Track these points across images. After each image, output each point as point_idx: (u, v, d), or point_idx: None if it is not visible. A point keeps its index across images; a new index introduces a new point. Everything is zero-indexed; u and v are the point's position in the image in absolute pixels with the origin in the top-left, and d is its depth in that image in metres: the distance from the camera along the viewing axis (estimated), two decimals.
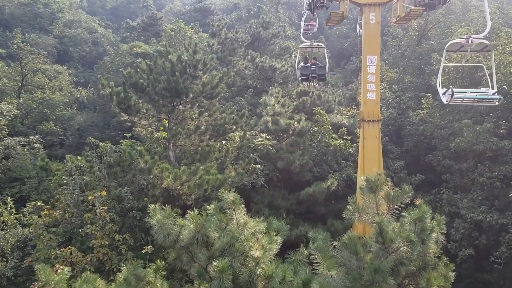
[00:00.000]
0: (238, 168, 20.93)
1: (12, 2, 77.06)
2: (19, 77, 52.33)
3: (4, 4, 76.61)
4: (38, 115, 48.66)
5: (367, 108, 19.55)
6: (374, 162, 19.38)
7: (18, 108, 47.13)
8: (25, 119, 49.07)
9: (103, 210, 15.28)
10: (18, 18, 74.71)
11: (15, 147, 40.01)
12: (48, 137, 46.51)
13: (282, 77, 32.35)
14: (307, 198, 23.72)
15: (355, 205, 10.75)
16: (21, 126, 46.93)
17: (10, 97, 49.35)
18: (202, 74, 20.78)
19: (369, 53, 19.66)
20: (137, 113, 19.91)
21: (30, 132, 45.03)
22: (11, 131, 44.44)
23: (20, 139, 40.98)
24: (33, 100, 48.72)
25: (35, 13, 75.55)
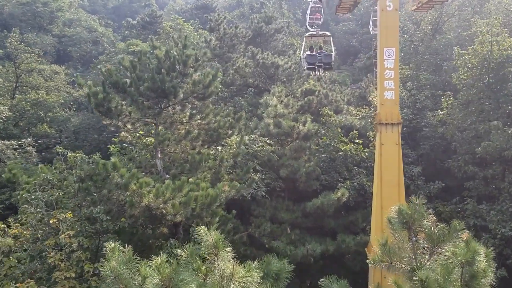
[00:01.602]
0: (235, 179, 18.03)
1: (11, 1, 74.61)
2: (14, 77, 49.78)
3: (3, 4, 74.16)
4: (32, 117, 45.98)
5: (384, 109, 16.56)
6: (393, 172, 16.41)
7: (11, 110, 44.55)
8: (19, 121, 46.48)
9: (67, 236, 12.38)
10: (17, 17, 72.23)
11: (6, 151, 37.28)
12: (42, 140, 43.92)
13: (285, 75, 29.35)
14: (315, 211, 20.78)
15: (385, 248, 7.74)
16: (13, 129, 44.31)
17: (3, 98, 46.76)
18: (194, 72, 17.85)
19: (386, 45, 16.65)
20: (119, 116, 17.02)
21: (23, 135, 42.40)
22: (3, 134, 41.86)
23: (12, 142, 38.20)
24: (26, 101, 46.06)
25: (34, 12, 73.00)
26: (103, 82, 16.82)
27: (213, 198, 14.19)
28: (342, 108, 28.07)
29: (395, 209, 7.91)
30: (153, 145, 17.37)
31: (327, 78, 34.83)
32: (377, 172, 16.66)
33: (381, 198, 16.38)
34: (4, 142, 38.05)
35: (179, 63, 17.54)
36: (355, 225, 22.03)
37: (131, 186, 13.21)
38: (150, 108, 17.33)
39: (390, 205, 16.18)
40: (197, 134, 17.67)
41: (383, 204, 16.30)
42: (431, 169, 26.65)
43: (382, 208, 16.29)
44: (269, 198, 21.30)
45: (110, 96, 16.73)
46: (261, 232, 20.08)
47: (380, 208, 16.31)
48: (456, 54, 24.14)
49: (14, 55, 49.83)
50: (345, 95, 30.82)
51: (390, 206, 15.63)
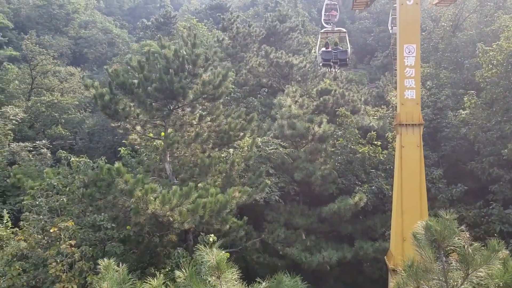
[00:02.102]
0: (247, 183, 17.20)
1: (28, 4, 75.13)
2: (29, 79, 49.80)
3: (20, 7, 74.70)
4: (46, 119, 45.90)
5: (405, 109, 15.54)
6: (414, 176, 15.38)
7: (26, 112, 44.52)
8: (35, 123, 46.46)
9: (69, 245, 11.69)
10: (34, 20, 72.61)
11: (20, 153, 37.10)
12: (57, 142, 43.76)
13: (300, 74, 28.38)
14: (331, 216, 19.83)
15: (411, 270, 6.79)
16: (28, 131, 44.26)
17: (19, 100, 46.79)
18: (204, 72, 17.08)
19: (406, 42, 15.62)
20: (126, 118, 16.34)
21: (38, 137, 42.30)
22: (18, 136, 41.79)
23: (26, 144, 38.01)
24: (41, 103, 45.97)
25: (50, 15, 73.30)
26: (110, 83, 16.16)
27: (223, 205, 13.38)
28: (359, 108, 27.01)
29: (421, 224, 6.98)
30: (162, 148, 16.60)
31: (343, 77, 33.78)
32: (397, 176, 15.65)
33: (402, 203, 15.36)
34: (19, 144, 37.93)
35: (188, 62, 16.78)
36: (373, 230, 21.01)
37: (136, 193, 12.47)
38: (158, 109, 16.60)
39: (411, 211, 15.18)
40: (207, 137, 16.88)
41: (404, 210, 15.28)
42: (452, 171, 25.43)
43: (403, 214, 15.29)
44: (283, 202, 20.43)
45: (117, 97, 16.07)
46: (275, 238, 19.20)
47: (401, 214, 15.31)
48: (480, 51, 22.89)
49: (30, 57, 49.84)
50: (362, 94, 29.73)
51: (411, 212, 14.61)
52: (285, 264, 19.51)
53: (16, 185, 15.86)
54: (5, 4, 73.47)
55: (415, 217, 15.30)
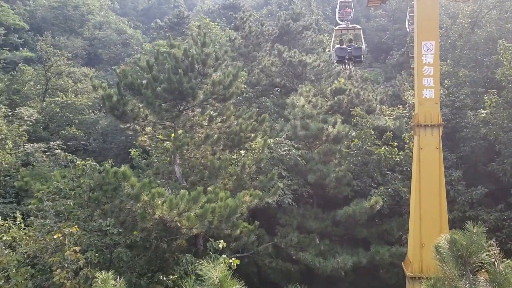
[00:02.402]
0: (259, 186, 16.65)
1: (43, 6, 75.68)
2: (44, 80, 49.98)
3: (36, 8, 75.31)
4: (61, 120, 45.98)
5: (423, 109, 14.83)
6: (433, 179, 14.66)
7: (41, 113, 44.65)
8: (50, 124, 46.58)
9: (73, 252, 11.28)
10: (49, 21, 73.11)
11: (34, 153, 37.13)
12: (71, 142, 43.79)
13: (314, 74, 27.72)
14: (345, 220, 19.16)
15: None
16: (42, 132, 44.38)
17: (33, 101, 46.96)
18: (214, 72, 16.58)
19: (424, 39, 14.91)
20: (134, 120, 15.93)
21: (52, 138, 42.36)
22: (33, 136, 41.90)
23: (40, 145, 38.04)
24: (55, 104, 46.05)
25: (65, 16, 73.73)
26: (118, 84, 15.78)
27: (233, 210, 12.85)
28: (374, 107, 26.27)
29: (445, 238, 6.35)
30: (171, 150, 16.16)
31: (358, 76, 33.03)
32: (415, 180, 14.95)
33: (420, 208, 14.64)
34: (33, 145, 37.97)
35: (198, 62, 16.31)
36: (390, 234, 20.27)
37: (143, 197, 12.01)
38: (167, 110, 16.14)
39: (430, 216, 14.43)
40: (217, 138, 16.38)
41: (422, 215, 14.57)
42: (471, 172, 24.53)
43: (421, 220, 14.58)
44: (296, 205, 19.82)
45: (125, 98, 15.67)
46: (288, 242, 18.60)
47: (419, 220, 14.59)
48: (501, 48, 21.95)
49: (44, 58, 50.03)
50: (378, 94, 28.97)
51: (431, 217, 13.86)
52: (298, 269, 18.92)
53: (23, 188, 15.45)
54: (21, 6, 74.14)
55: (435, 222, 14.61)
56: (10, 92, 47.24)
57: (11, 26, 67.14)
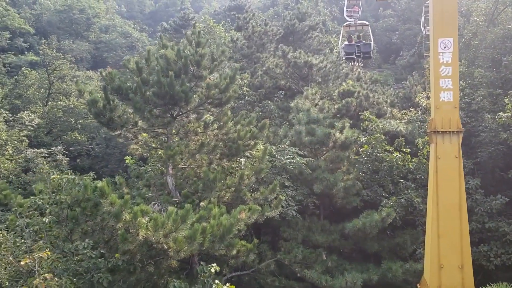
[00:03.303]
0: (259, 198, 15.10)
1: (49, 10, 74.92)
2: (47, 84, 48.93)
3: (42, 12, 74.58)
4: (63, 124, 44.82)
5: (440, 114, 13.16)
6: (453, 192, 12.97)
7: (43, 117, 43.54)
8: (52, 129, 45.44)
9: (43, 280, 9.79)
10: (55, 25, 72.32)
11: (35, 159, 35.92)
12: (73, 148, 42.63)
13: (320, 75, 26.10)
14: (355, 233, 17.54)
15: None
16: (44, 137, 43.24)
17: (35, 106, 45.88)
18: (209, 74, 15.09)
19: (441, 35, 13.25)
20: (123, 127, 14.47)
21: (55, 143, 41.20)
22: (35, 141, 40.82)
23: (41, 150, 36.83)
24: (58, 108, 44.92)
25: (71, 20, 72.89)
26: (104, 88, 14.34)
27: (227, 229, 11.33)
28: (385, 111, 24.59)
29: None
30: (162, 159, 14.68)
31: (367, 78, 31.37)
32: (431, 193, 13.27)
33: (438, 224, 12.96)
34: (34, 151, 36.76)
35: (192, 64, 14.84)
36: (402, 248, 18.61)
37: (124, 216, 10.53)
38: (158, 117, 14.68)
39: (449, 233, 12.67)
40: (213, 147, 14.87)
41: (441, 232, 12.88)
42: (489, 179, 22.75)
43: (440, 237, 12.89)
44: (301, 217, 18.22)
45: (113, 103, 14.22)
46: (292, 258, 17.00)
47: (437, 238, 12.90)
48: None
49: (47, 62, 48.99)
50: (388, 96, 27.26)
51: (450, 234, 12.08)
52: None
53: (3, 202, 14.07)
54: (27, 10, 73.45)
55: (455, 240, 12.93)
56: (12, 97, 46.26)
57: (17, 30, 66.41)
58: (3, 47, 63.49)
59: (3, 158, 33.80)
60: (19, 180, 33.20)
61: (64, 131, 44.33)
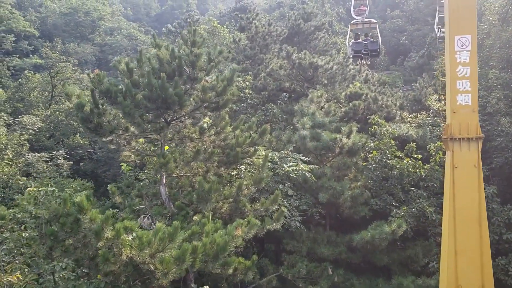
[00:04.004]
0: (260, 209, 13.90)
1: (54, 13, 74.41)
2: (50, 87, 48.12)
3: (47, 15, 74.06)
4: (65, 128, 43.90)
5: (457, 119, 11.93)
6: (472, 205, 11.72)
7: (45, 121, 42.66)
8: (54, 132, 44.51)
9: None
10: (60, 27, 71.78)
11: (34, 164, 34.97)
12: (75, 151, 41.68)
13: (326, 77, 24.84)
14: (363, 245, 16.26)
15: None
16: (46, 140, 42.32)
17: (38, 109, 45.05)
18: (205, 75, 13.94)
19: (458, 32, 12.02)
20: (112, 133, 13.35)
21: (57, 147, 40.30)
22: (36, 146, 39.94)
23: (42, 154, 35.88)
24: (60, 112, 44.02)
25: (76, 22, 72.31)
26: (92, 91, 13.23)
27: (221, 247, 10.13)
28: (394, 114, 23.29)
29: None
30: (155, 168, 13.54)
31: (375, 80, 30.07)
32: (448, 205, 12.01)
33: (455, 240, 11.71)
34: (34, 155, 35.84)
35: (187, 65, 13.70)
36: (414, 261, 17.29)
37: (106, 234, 9.37)
38: (150, 122, 13.54)
39: (468, 251, 11.26)
40: (210, 154, 13.69)
41: (458, 249, 11.63)
42: (504, 186, 21.41)
43: (457, 255, 11.63)
44: (306, 228, 16.97)
45: (102, 108, 13.12)
46: (296, 273, 15.76)
47: (454, 255, 11.64)
48: None
49: (49, 65, 48.22)
50: (397, 98, 25.93)
51: (469, 252, 10.64)
52: None
53: None
54: (33, 13, 72.97)
55: (474, 258, 11.65)
56: (14, 100, 45.50)
57: (21, 33, 65.87)
58: (8, 50, 62.96)
59: (3, 163, 32.89)
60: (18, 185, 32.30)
61: (66, 134, 43.41)
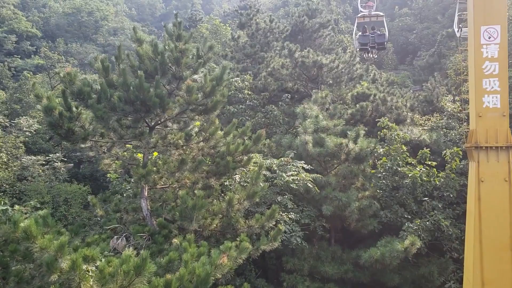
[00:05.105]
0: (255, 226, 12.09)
1: (57, 13, 73.17)
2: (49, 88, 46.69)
3: (50, 15, 72.82)
4: None
5: (484, 124, 10.03)
6: (502, 227, 9.84)
7: (43, 123, 41.18)
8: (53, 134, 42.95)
9: None
10: (63, 28, 70.48)
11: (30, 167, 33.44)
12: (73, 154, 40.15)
13: (331, 77, 22.97)
14: (371, 264, 14.40)
15: None
16: (44, 143, 40.84)
17: (35, 111, 43.63)
18: (193, 73, 12.18)
19: (485, 22, 10.14)
20: (85, 140, 11.59)
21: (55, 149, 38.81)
22: (33, 148, 38.50)
23: (38, 158, 34.35)
24: None
25: (79, 22, 70.99)
26: (63, 92, 11.51)
27: (202, 280, 8.33)
28: (405, 116, 21.39)
29: None
30: (134, 179, 11.79)
31: (383, 80, 28.19)
32: (472, 226, 10.13)
33: (482, 268, 9.83)
34: (30, 158, 34.35)
35: (171, 62, 11.95)
36: (428, 281, 15.40)
37: (60, 265, 7.62)
38: (129, 127, 11.78)
39: (497, 280, 9.44)
40: (197, 163, 11.91)
41: (486, 279, 9.74)
42: None
43: (484, 285, 9.77)
44: (308, 243, 15.13)
45: (74, 112, 11.40)
46: None
47: (481, 285, 9.78)
48: None
49: (48, 65, 46.83)
50: (407, 99, 24.01)
51: (498, 281, 8.77)
52: None
53: None
54: (36, 13, 71.78)
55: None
56: (12, 101, 44.12)
57: (23, 33, 64.63)
58: (10, 50, 61.75)
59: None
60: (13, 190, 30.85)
61: None
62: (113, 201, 12.59)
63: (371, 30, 22.43)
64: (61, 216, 28.15)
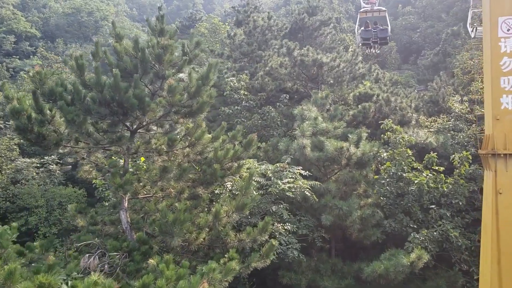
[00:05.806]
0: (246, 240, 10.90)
1: (57, 13, 72.28)
2: None
3: (50, 15, 71.92)
4: None
5: (502, 128, 8.79)
6: None
7: None
8: None
9: None
10: (63, 28, 69.57)
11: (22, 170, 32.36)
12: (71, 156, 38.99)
13: (332, 76, 21.75)
14: (375, 278, 13.17)
15: None
16: None
17: None
18: (177, 72, 11.01)
19: (503, 13, 8.91)
20: (58, 146, 10.45)
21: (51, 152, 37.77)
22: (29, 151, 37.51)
23: (33, 160, 33.27)
24: None
25: (79, 23, 70.07)
26: (34, 93, 10.35)
27: None
28: (409, 117, 20.14)
29: None
30: (111, 189, 10.61)
31: (386, 79, 26.94)
32: (489, 242, 8.92)
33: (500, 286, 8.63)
34: (25, 160, 33.29)
35: (153, 59, 10.78)
36: None
37: None
38: (106, 131, 10.62)
39: None
40: (181, 171, 10.72)
41: None
42: None
43: None
44: (306, 256, 13.93)
45: (47, 114, 10.26)
46: None
47: None
48: None
49: (45, 66, 45.88)
50: (412, 99, 22.76)
51: None
52: None
53: None
54: (35, 14, 70.88)
55: None
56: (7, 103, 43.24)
57: (22, 34, 63.74)
58: (8, 51, 60.85)
59: None
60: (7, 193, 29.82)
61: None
62: (89, 213, 11.40)
63: (373, 25, 21.66)
64: (55, 221, 27.16)
